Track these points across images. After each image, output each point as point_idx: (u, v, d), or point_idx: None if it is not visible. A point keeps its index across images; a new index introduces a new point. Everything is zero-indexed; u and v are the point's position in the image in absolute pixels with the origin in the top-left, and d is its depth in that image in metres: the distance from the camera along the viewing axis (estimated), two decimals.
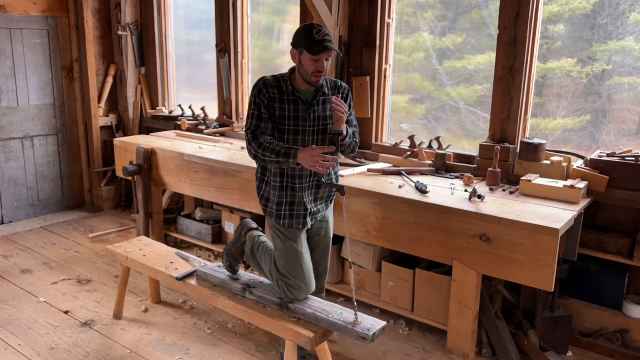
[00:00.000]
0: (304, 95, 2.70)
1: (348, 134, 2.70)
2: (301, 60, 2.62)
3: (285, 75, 2.73)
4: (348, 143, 2.73)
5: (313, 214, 2.81)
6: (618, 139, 3.49)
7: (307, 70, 2.61)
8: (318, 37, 2.57)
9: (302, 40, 2.59)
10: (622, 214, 3.33)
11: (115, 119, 5.99)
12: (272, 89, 2.67)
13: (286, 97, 2.68)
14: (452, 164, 3.83)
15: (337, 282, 3.86)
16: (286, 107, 2.68)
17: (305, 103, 2.69)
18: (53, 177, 5.76)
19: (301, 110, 2.69)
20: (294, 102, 2.68)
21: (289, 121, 2.68)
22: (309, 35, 2.57)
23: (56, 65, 5.58)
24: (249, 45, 5.09)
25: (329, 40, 2.58)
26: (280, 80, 2.71)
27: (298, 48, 2.62)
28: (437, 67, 4.10)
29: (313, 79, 2.63)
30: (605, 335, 3.32)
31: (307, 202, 2.76)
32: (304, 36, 2.59)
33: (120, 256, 3.52)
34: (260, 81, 2.70)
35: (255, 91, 2.69)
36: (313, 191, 2.78)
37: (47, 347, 3.27)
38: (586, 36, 3.50)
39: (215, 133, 5.09)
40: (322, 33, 2.58)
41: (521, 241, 2.83)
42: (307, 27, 2.62)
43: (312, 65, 2.59)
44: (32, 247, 4.85)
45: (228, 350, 3.27)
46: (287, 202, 2.74)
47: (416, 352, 3.30)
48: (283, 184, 2.74)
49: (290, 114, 2.68)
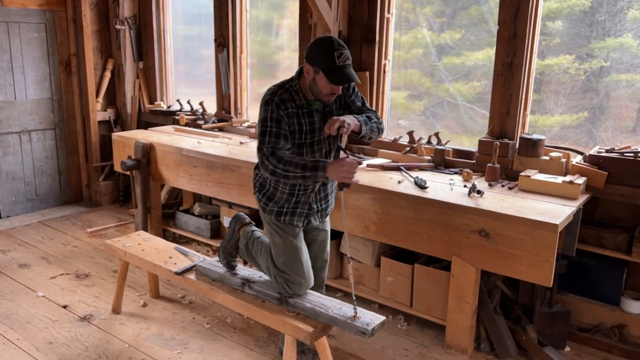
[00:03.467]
0: (316, 106, 2.59)
1: (361, 122, 2.56)
2: (316, 78, 2.46)
3: (293, 84, 2.56)
4: (365, 131, 2.59)
5: (320, 211, 2.80)
6: (615, 135, 3.50)
7: (321, 91, 2.48)
8: (339, 62, 2.39)
9: (321, 61, 2.41)
10: (621, 210, 3.34)
11: (113, 113, 5.97)
12: (288, 103, 2.50)
13: (301, 111, 2.55)
14: (451, 159, 3.83)
15: (335, 277, 3.86)
16: (303, 121, 2.55)
17: (319, 112, 2.60)
18: (51, 171, 5.74)
19: (316, 122, 2.59)
20: (309, 114, 2.57)
21: (306, 135, 2.57)
22: (330, 57, 2.39)
23: (54, 59, 5.56)
24: (247, 40, 5.08)
25: (349, 65, 2.43)
26: (291, 91, 2.54)
27: (314, 66, 2.44)
28: (436, 63, 4.09)
29: (326, 99, 2.52)
30: (602, 331, 3.33)
31: (313, 201, 2.74)
32: (323, 56, 2.41)
33: (119, 251, 3.52)
34: (275, 96, 2.51)
35: (272, 107, 2.49)
36: (321, 195, 2.77)
37: (45, 342, 3.27)
38: (584, 33, 3.50)
39: (214, 128, 5.08)
40: (344, 57, 2.41)
41: (520, 236, 2.84)
42: (327, 45, 2.41)
43: (327, 87, 2.46)
44: (29, 241, 4.84)
45: (227, 345, 3.28)
46: (292, 203, 2.71)
47: (414, 347, 3.31)
48: (294, 190, 2.67)
49: (307, 128, 2.57)
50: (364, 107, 2.74)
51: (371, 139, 2.73)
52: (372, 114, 2.72)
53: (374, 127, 2.67)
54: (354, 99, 2.72)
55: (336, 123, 2.46)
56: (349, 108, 2.71)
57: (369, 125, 2.63)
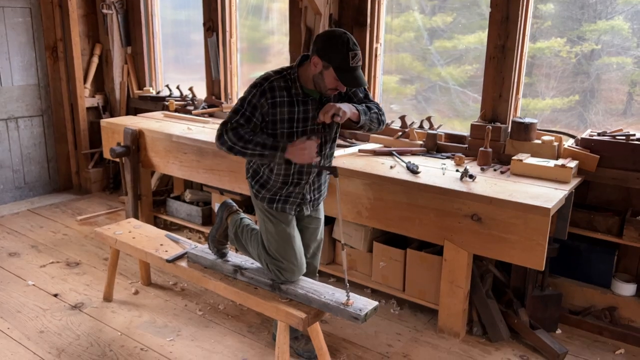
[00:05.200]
0: (313, 94, 2.55)
1: (360, 111, 2.53)
2: (323, 73, 2.42)
3: (292, 72, 2.51)
4: (363, 121, 2.56)
5: (312, 201, 2.78)
6: (605, 118, 3.50)
7: (326, 85, 2.45)
8: (353, 62, 2.37)
9: (334, 58, 2.37)
10: (612, 193, 3.35)
11: (101, 99, 5.89)
12: (279, 91, 2.47)
13: (295, 99, 2.51)
14: (443, 144, 3.82)
15: (328, 262, 3.86)
16: (295, 109, 2.51)
17: (315, 101, 2.55)
18: (39, 159, 5.68)
19: (310, 111, 2.55)
20: (303, 103, 2.53)
21: (297, 123, 2.54)
22: (344, 57, 2.36)
23: (40, 45, 5.46)
24: (237, 24, 5.01)
25: (360, 67, 2.42)
26: (288, 79, 2.50)
27: (325, 61, 2.39)
28: (428, 46, 4.06)
29: (328, 92, 2.49)
30: (593, 313, 3.36)
31: (307, 192, 2.72)
32: (336, 53, 2.36)
33: (109, 238, 3.49)
34: (266, 82, 2.47)
35: (257, 91, 2.46)
36: (315, 186, 2.75)
37: (36, 330, 3.24)
38: (576, 15, 3.48)
39: (204, 114, 5.03)
40: (358, 58, 2.38)
41: (512, 220, 2.83)
42: (343, 44, 2.37)
43: (333, 83, 2.43)
44: (19, 230, 4.79)
45: (219, 332, 3.27)
46: (285, 191, 2.68)
47: (407, 332, 3.32)
48: (288, 178, 2.64)
49: (300, 116, 2.53)
50: (366, 99, 2.71)
51: (371, 130, 2.69)
52: (373, 105, 2.67)
53: (374, 118, 2.62)
54: (356, 90, 2.68)
55: (331, 110, 2.42)
56: (350, 99, 2.67)
57: (369, 115, 2.59)
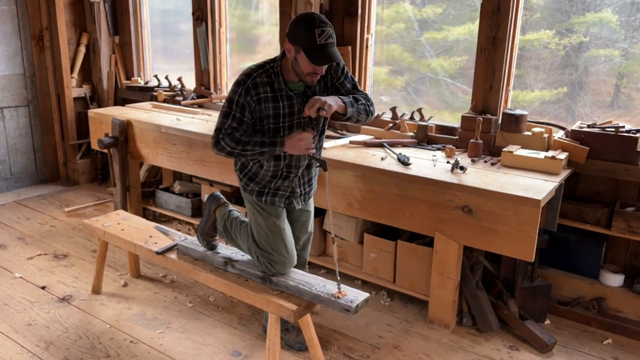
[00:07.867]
0: (297, 88, 2.50)
1: (346, 103, 2.47)
2: (297, 58, 2.35)
3: (274, 65, 2.46)
4: (350, 113, 2.50)
5: (303, 194, 2.76)
6: (593, 110, 3.51)
7: (303, 71, 2.38)
8: (320, 40, 2.27)
9: (302, 39, 2.30)
10: (601, 185, 3.37)
11: (89, 89, 5.82)
12: (262, 87, 2.42)
13: (279, 94, 2.46)
14: (434, 135, 3.81)
15: (319, 254, 3.85)
16: (280, 104, 2.46)
17: (299, 95, 2.51)
18: (25, 149, 5.60)
19: (295, 105, 2.50)
20: (287, 97, 2.48)
21: (283, 119, 2.50)
22: (310, 35, 2.27)
23: (25, 34, 5.37)
24: (226, 13, 4.96)
25: (332, 44, 2.31)
26: (270, 73, 2.44)
27: (295, 45, 2.33)
28: (418, 37, 4.04)
29: (308, 79, 2.42)
30: (582, 303, 3.39)
31: (297, 185, 2.71)
32: (304, 34, 2.29)
33: (98, 230, 3.46)
34: (248, 78, 2.42)
35: (241, 90, 2.42)
36: (305, 179, 2.74)
37: (24, 323, 3.21)
38: (564, 7, 3.48)
39: (193, 104, 4.99)
40: (326, 34, 2.28)
41: (503, 212, 2.84)
42: (308, 23, 2.29)
43: (309, 67, 2.35)
44: (5, 221, 4.73)
45: (210, 324, 3.26)
46: (274, 184, 2.66)
47: (398, 323, 3.33)
48: (277, 171, 2.62)
49: (285, 111, 2.49)
50: (354, 90, 2.64)
51: (359, 122, 2.63)
52: (361, 96, 2.61)
53: (361, 109, 2.56)
54: (344, 80, 2.61)
55: (317, 104, 2.38)
56: (338, 91, 2.61)
57: (356, 107, 2.53)
